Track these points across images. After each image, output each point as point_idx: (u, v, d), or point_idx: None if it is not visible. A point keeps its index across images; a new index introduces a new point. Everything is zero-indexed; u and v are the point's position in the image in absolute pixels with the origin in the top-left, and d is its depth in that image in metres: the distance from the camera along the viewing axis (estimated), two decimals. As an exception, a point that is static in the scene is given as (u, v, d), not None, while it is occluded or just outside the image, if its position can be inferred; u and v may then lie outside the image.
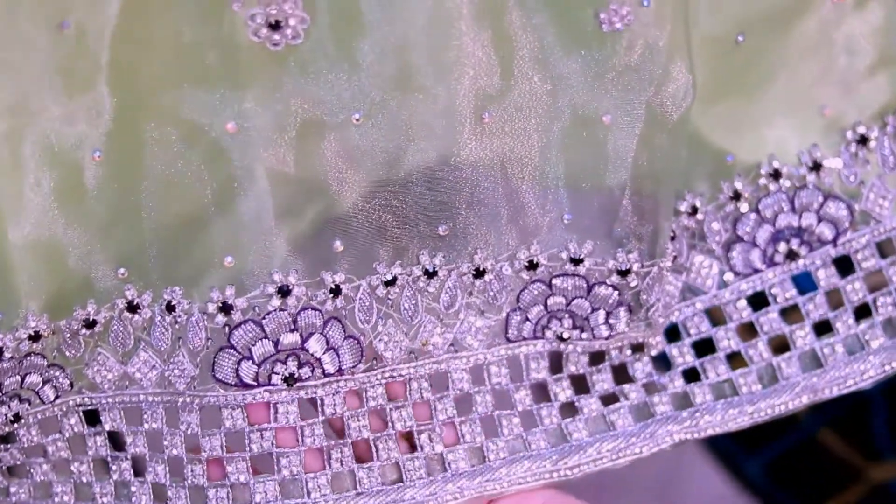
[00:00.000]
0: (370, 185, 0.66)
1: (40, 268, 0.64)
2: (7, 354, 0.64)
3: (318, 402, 0.68)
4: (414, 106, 0.64)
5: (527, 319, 0.70)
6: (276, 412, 0.67)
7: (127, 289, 0.65)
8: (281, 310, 0.65)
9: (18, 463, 0.70)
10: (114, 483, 0.69)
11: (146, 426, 0.68)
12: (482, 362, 0.71)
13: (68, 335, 0.66)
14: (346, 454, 0.68)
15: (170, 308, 0.65)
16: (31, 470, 0.70)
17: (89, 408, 0.69)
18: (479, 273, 0.68)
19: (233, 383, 0.66)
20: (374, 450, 0.69)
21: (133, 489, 0.68)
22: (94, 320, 0.66)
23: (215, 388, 0.66)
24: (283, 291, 0.65)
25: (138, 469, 0.69)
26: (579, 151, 0.68)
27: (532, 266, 0.69)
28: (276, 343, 0.66)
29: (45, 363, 0.66)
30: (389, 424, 0.69)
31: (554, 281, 0.70)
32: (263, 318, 0.65)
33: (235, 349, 0.65)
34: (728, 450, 1.14)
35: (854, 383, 0.72)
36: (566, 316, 0.70)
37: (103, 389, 0.68)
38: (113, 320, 0.66)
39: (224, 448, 0.67)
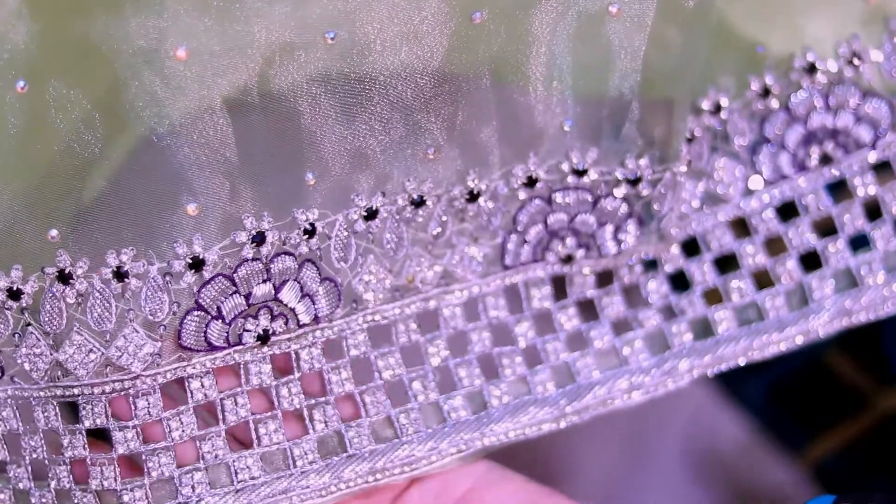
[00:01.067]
0: (347, 108, 0.56)
1: None
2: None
3: (294, 357, 0.59)
4: (396, 7, 0.54)
5: (525, 242, 0.61)
6: (247, 374, 0.58)
7: (59, 254, 0.54)
8: (254, 259, 0.55)
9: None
10: (55, 491, 0.58)
11: (87, 423, 0.57)
12: (477, 295, 0.62)
13: None
14: (331, 414, 0.59)
15: (119, 276, 0.54)
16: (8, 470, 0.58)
17: (20, 401, 0.57)
18: (473, 196, 0.59)
19: (200, 349, 0.57)
20: (361, 405, 0.60)
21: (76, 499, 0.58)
22: (18, 290, 0.54)
23: (179, 359, 0.56)
24: (257, 239, 0.55)
25: (79, 477, 0.58)
26: (583, 50, 0.58)
27: (530, 182, 0.60)
28: (247, 297, 0.56)
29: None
30: (376, 374, 0.60)
31: (554, 196, 0.60)
32: (235, 270, 0.55)
33: (204, 309, 0.56)
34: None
35: (894, 307, 0.64)
36: (569, 234, 0.61)
37: (35, 380, 0.56)
38: (44, 292, 0.55)
39: (195, 426, 0.57)
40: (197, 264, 0.55)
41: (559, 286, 0.64)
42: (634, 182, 0.60)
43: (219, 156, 0.54)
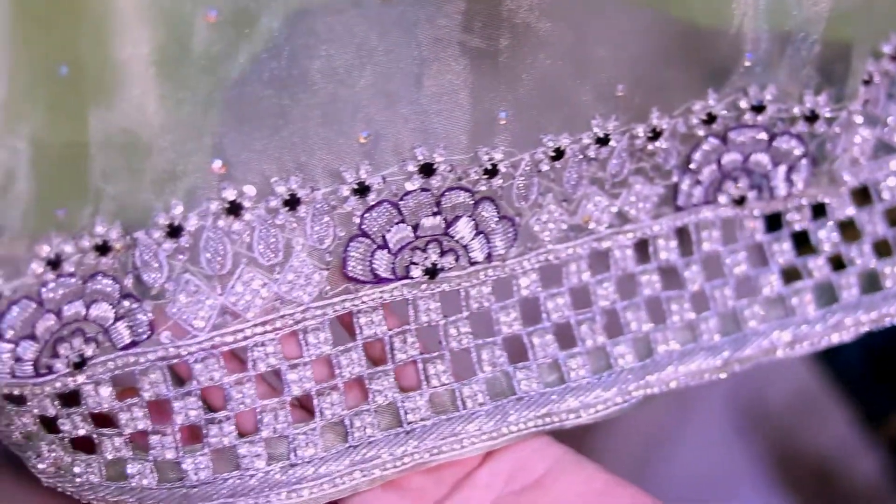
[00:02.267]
0: (549, 47, 0.53)
1: (119, 158, 0.48)
2: (68, 267, 0.49)
3: (463, 295, 0.56)
4: None
5: (698, 182, 0.59)
6: (416, 311, 0.56)
7: (224, 187, 0.51)
8: (423, 190, 0.53)
9: (83, 434, 0.53)
10: (212, 452, 0.54)
11: (260, 366, 0.53)
12: (648, 236, 0.59)
13: (147, 252, 0.51)
14: (498, 354, 0.57)
15: (290, 203, 0.51)
16: (101, 444, 0.53)
17: (175, 360, 0.52)
18: (655, 134, 0.57)
19: (367, 280, 0.54)
20: (529, 347, 0.58)
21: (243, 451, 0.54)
22: (179, 226, 0.50)
23: (346, 291, 0.54)
24: (426, 169, 0.53)
25: (245, 428, 0.54)
26: None
27: (709, 119, 0.58)
28: (415, 228, 0.54)
29: (118, 291, 0.51)
30: (544, 315, 0.58)
31: (730, 135, 0.58)
32: (402, 199, 0.53)
33: (368, 236, 0.53)
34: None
35: None
36: (742, 175, 0.59)
37: (195, 332, 0.52)
38: (204, 230, 0.51)
39: (364, 363, 0.55)
40: (362, 190, 0.52)
41: (729, 230, 0.61)
42: (811, 119, 0.58)
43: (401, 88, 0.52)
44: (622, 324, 0.59)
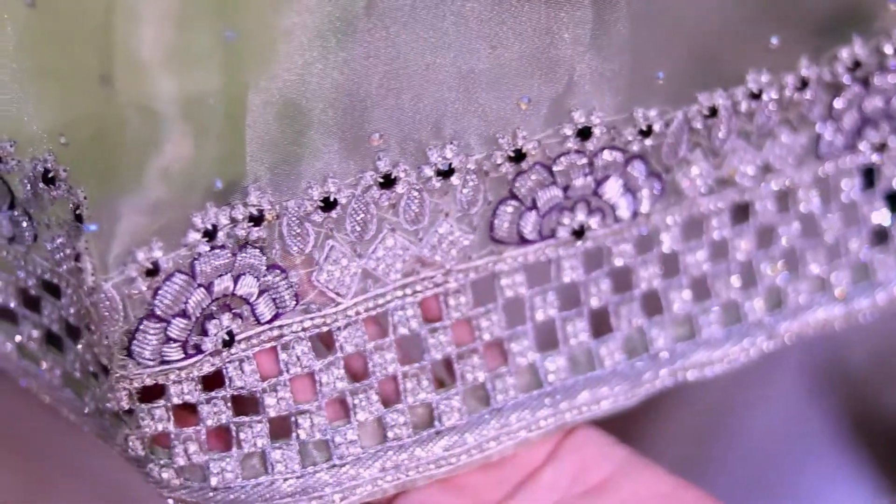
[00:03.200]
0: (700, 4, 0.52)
1: (277, 128, 0.47)
2: (221, 238, 0.47)
3: (606, 252, 0.55)
4: None
5: (839, 130, 0.57)
6: (559, 269, 0.54)
7: (379, 158, 0.49)
8: (577, 152, 0.51)
9: (223, 422, 0.50)
10: (358, 423, 0.52)
11: (401, 330, 0.52)
12: (788, 187, 0.58)
13: (294, 221, 0.49)
14: (635, 310, 0.56)
15: (444, 172, 0.50)
16: (239, 435, 0.50)
17: (318, 330, 0.51)
18: (804, 84, 0.55)
19: (512, 242, 0.53)
20: (664, 300, 0.57)
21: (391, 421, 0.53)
22: (334, 200, 0.49)
23: (490, 253, 0.53)
24: (583, 133, 0.51)
25: (389, 397, 0.53)
26: None
27: (854, 66, 0.56)
28: (565, 189, 0.52)
29: (265, 263, 0.49)
30: (682, 270, 0.57)
31: (873, 80, 0.57)
32: (555, 161, 0.51)
33: (518, 199, 0.52)
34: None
35: None
36: (883, 120, 0.58)
37: (338, 299, 0.51)
38: (352, 200, 0.50)
39: (504, 325, 0.54)
40: (519, 157, 0.51)
41: (867, 179, 0.60)
42: None
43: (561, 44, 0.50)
44: (757, 277, 0.58)
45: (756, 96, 0.54)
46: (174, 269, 0.46)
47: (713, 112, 0.53)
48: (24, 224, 0.51)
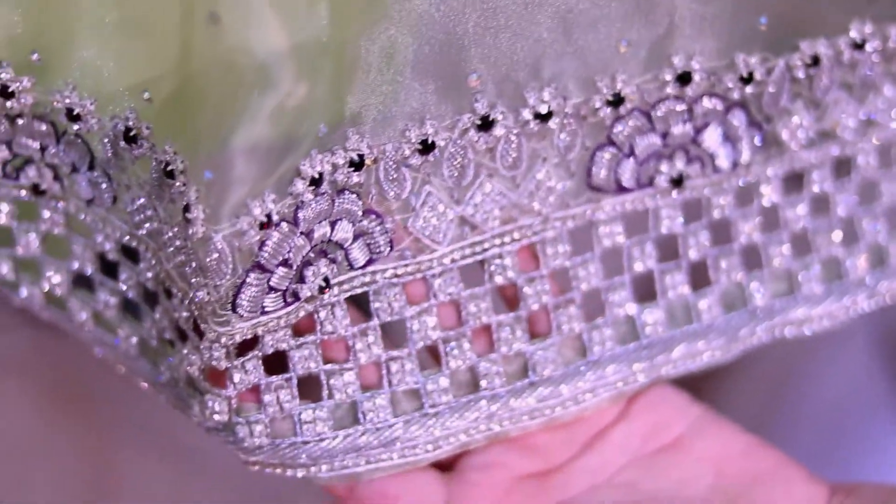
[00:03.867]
0: None
1: (375, 64, 0.46)
2: (323, 187, 0.46)
3: (705, 203, 0.54)
4: None
5: None
6: (657, 219, 0.53)
7: (476, 99, 0.48)
8: (676, 98, 0.50)
9: (312, 371, 0.50)
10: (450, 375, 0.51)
11: (497, 279, 0.51)
12: (891, 142, 0.56)
13: (391, 166, 0.48)
14: (735, 263, 0.55)
15: (542, 115, 0.49)
16: (330, 383, 0.50)
17: (412, 277, 0.50)
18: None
19: (609, 190, 0.52)
20: (764, 254, 0.55)
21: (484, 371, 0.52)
22: (432, 142, 0.48)
23: (588, 200, 0.52)
24: (683, 78, 0.50)
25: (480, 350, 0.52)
26: None
27: None
28: (664, 136, 0.51)
29: (361, 208, 0.48)
30: (781, 224, 0.55)
31: None
32: (654, 107, 0.50)
33: (616, 145, 0.51)
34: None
35: None
36: None
37: (434, 246, 0.50)
38: (449, 144, 0.48)
39: (602, 275, 0.53)
40: (617, 101, 0.50)
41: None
42: None
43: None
44: (858, 234, 0.57)
45: (859, 46, 0.53)
46: (280, 219, 0.45)
47: (815, 61, 0.52)
48: (104, 185, 0.50)
